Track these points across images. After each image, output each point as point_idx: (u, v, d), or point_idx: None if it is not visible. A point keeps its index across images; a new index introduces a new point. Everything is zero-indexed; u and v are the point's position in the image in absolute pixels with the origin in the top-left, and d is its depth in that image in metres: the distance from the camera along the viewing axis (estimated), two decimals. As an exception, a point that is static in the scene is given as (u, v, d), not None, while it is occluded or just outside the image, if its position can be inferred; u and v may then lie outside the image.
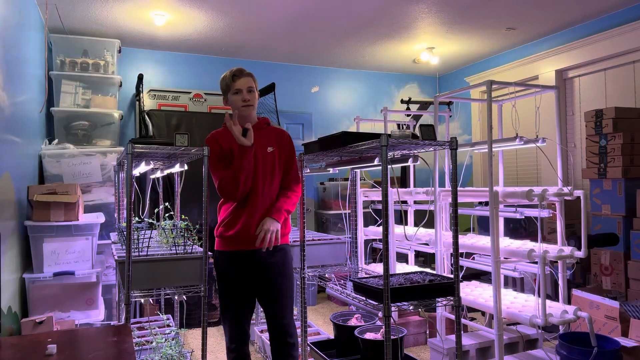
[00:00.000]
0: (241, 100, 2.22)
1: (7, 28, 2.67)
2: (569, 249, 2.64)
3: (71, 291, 3.03)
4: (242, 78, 2.23)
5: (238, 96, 2.22)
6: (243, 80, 2.23)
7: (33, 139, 3.54)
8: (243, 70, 2.26)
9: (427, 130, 2.14)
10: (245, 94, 2.22)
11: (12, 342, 1.54)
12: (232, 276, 2.23)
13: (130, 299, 2.11)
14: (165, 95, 5.10)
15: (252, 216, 2.21)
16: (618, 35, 4.16)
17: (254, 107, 2.27)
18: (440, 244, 2.95)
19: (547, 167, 4.87)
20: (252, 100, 2.24)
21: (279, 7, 4.05)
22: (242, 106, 2.22)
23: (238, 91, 2.22)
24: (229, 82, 2.24)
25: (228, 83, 2.25)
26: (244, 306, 2.25)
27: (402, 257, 3.82)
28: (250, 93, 2.24)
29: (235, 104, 2.24)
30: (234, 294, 2.24)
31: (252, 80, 2.26)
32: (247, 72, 2.26)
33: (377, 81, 6.25)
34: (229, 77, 2.24)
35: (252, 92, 2.24)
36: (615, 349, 2.37)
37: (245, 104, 2.22)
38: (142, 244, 2.32)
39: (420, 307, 2.03)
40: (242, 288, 2.23)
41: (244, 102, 2.22)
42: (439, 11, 4.17)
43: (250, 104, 2.23)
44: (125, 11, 4.05)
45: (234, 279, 2.23)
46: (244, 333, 2.26)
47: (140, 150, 2.19)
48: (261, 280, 2.26)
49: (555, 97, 2.91)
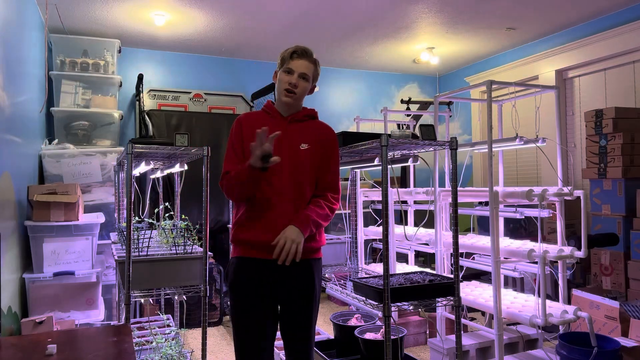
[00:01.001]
0: (287, 83, 1.85)
1: (7, 28, 2.67)
2: (569, 249, 2.64)
3: (71, 291, 3.03)
4: (303, 60, 1.87)
5: (286, 77, 1.86)
6: (302, 62, 1.87)
7: (33, 139, 3.54)
8: (308, 51, 1.89)
9: (427, 130, 2.14)
10: (295, 77, 1.85)
11: (12, 342, 1.54)
12: (243, 286, 1.84)
13: (130, 299, 2.11)
14: (165, 95, 5.10)
15: (274, 221, 1.80)
16: (618, 35, 4.16)
17: (299, 99, 1.90)
18: (440, 244, 2.95)
19: (547, 167, 4.86)
20: (299, 89, 1.86)
21: (279, 7, 4.05)
22: (284, 89, 1.86)
23: (289, 71, 1.86)
24: (286, 58, 1.88)
25: (285, 58, 1.88)
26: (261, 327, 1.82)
27: (402, 257, 3.82)
28: (302, 80, 1.87)
29: (280, 84, 1.88)
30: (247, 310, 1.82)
31: (313, 67, 1.90)
32: (312, 57, 1.90)
33: (377, 81, 6.25)
34: (288, 53, 1.88)
35: (305, 80, 1.88)
36: (615, 349, 2.37)
37: (290, 88, 1.85)
38: (142, 244, 2.32)
39: (420, 307, 2.03)
40: (256, 303, 1.82)
41: (288, 86, 1.85)
42: (439, 11, 4.17)
43: (294, 91, 1.86)
44: (125, 11, 4.05)
45: (246, 290, 1.84)
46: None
47: (140, 150, 2.19)
48: (281, 300, 1.87)
49: (555, 97, 2.91)
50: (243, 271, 1.84)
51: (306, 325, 1.87)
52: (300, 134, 1.90)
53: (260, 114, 1.94)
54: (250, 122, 1.90)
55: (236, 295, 1.84)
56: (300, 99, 1.90)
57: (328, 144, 1.93)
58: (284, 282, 1.84)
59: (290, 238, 1.74)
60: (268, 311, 1.84)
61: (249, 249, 1.84)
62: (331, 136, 1.94)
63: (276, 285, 1.84)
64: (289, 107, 1.90)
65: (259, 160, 1.66)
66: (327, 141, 1.93)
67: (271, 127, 1.87)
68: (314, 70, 1.91)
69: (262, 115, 1.93)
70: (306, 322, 1.87)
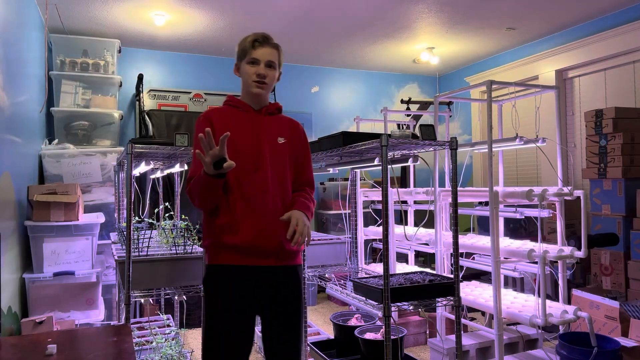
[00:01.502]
0: (254, 75, 1.73)
1: (7, 28, 2.67)
2: (569, 249, 2.64)
3: (71, 291, 3.03)
4: (266, 47, 1.74)
5: (253, 68, 1.74)
6: (266, 50, 1.74)
7: (33, 139, 3.54)
8: (269, 38, 1.77)
9: (427, 130, 2.14)
10: (262, 67, 1.73)
11: (12, 342, 1.54)
12: (228, 298, 1.67)
13: (130, 299, 2.11)
14: (165, 95, 5.10)
15: (260, 221, 1.67)
16: (618, 35, 4.16)
17: (269, 89, 1.78)
18: (440, 244, 2.95)
19: (547, 167, 4.86)
20: (268, 79, 1.75)
21: (279, 7, 4.05)
22: (253, 81, 1.74)
23: (254, 61, 1.74)
24: (247, 48, 1.74)
25: (246, 48, 1.75)
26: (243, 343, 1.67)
27: (402, 257, 3.82)
28: (269, 69, 1.75)
29: (246, 77, 1.76)
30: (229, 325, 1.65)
31: (277, 53, 1.77)
32: (273, 42, 1.77)
33: (377, 81, 6.25)
34: (249, 42, 1.74)
35: (272, 68, 1.76)
36: (615, 349, 2.37)
37: (259, 80, 1.73)
38: (142, 244, 2.32)
39: (420, 307, 2.03)
40: (242, 316, 1.67)
41: (257, 78, 1.73)
42: (439, 11, 4.17)
43: (265, 82, 1.74)
44: (125, 11, 4.05)
45: (231, 302, 1.67)
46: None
47: (140, 150, 2.19)
48: (269, 309, 1.72)
49: (555, 97, 2.92)
50: (232, 282, 1.67)
51: (295, 337, 1.74)
52: (277, 127, 1.81)
53: (229, 110, 1.79)
54: (222, 119, 1.75)
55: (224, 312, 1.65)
56: (270, 89, 1.80)
57: (302, 138, 1.86)
58: (275, 290, 1.71)
59: (302, 220, 1.62)
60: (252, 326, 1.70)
61: (238, 256, 1.67)
62: (302, 131, 1.89)
63: (264, 294, 1.70)
64: (259, 99, 1.79)
65: (211, 167, 1.52)
66: (300, 136, 1.86)
67: (248, 121, 1.77)
68: (278, 56, 1.78)
69: (232, 111, 1.79)
70: (295, 334, 1.73)
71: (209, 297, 1.69)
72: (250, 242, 1.66)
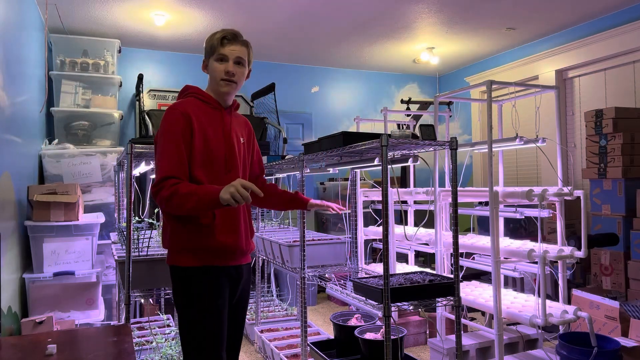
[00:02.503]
0: (223, 72, 1.70)
1: (7, 28, 2.67)
2: (569, 249, 2.64)
3: (71, 291, 3.03)
4: (234, 44, 1.71)
5: (221, 65, 1.70)
6: (235, 47, 1.70)
7: (33, 139, 3.54)
8: (238, 34, 1.73)
9: (427, 130, 2.14)
10: (231, 64, 1.70)
11: (12, 342, 1.54)
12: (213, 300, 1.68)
13: (130, 299, 2.11)
14: (165, 95, 5.10)
15: (236, 221, 1.72)
16: (618, 35, 4.16)
17: (237, 87, 1.75)
18: (440, 244, 2.95)
19: (547, 167, 4.87)
20: (237, 77, 1.72)
21: (278, 7, 4.05)
22: (221, 80, 1.70)
23: (223, 58, 1.70)
24: (216, 45, 1.70)
25: (214, 45, 1.70)
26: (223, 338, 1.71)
27: (402, 257, 3.82)
28: (238, 66, 1.72)
29: (214, 73, 1.71)
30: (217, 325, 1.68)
31: (246, 51, 1.74)
32: (242, 39, 1.74)
33: (377, 81, 6.25)
34: (217, 39, 1.70)
35: (240, 65, 1.73)
36: (615, 349, 2.37)
37: (227, 78, 1.70)
38: (142, 244, 2.32)
39: (420, 307, 2.03)
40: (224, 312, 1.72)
41: (225, 76, 1.70)
42: (439, 11, 4.17)
43: (234, 80, 1.71)
44: (125, 11, 4.05)
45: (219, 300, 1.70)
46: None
47: (140, 150, 2.19)
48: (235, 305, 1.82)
49: (555, 97, 2.92)
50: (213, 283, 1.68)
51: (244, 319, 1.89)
52: (239, 127, 1.83)
53: (202, 106, 1.73)
54: (198, 117, 1.69)
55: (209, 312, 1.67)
56: (239, 87, 1.76)
57: (253, 139, 1.93)
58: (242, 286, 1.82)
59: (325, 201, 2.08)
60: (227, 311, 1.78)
61: (214, 257, 1.68)
62: (251, 127, 1.96)
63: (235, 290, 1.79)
64: (228, 97, 1.76)
65: (234, 202, 1.48)
66: (253, 136, 1.93)
67: (218, 120, 1.75)
68: (248, 53, 1.75)
69: (204, 108, 1.73)
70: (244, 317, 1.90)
71: (198, 297, 1.67)
72: (231, 244, 1.70)
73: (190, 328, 1.66)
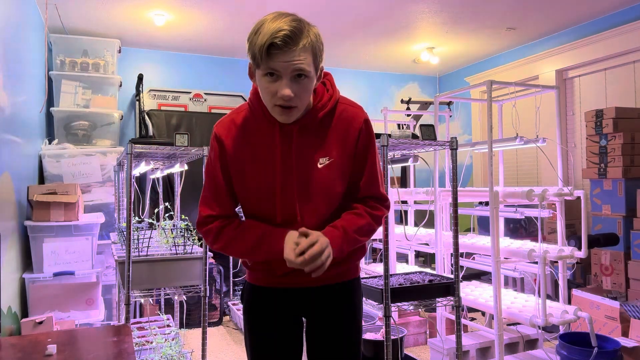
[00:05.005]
0: (275, 95, 1.17)
1: (7, 28, 2.67)
2: (569, 249, 2.64)
3: (71, 291, 3.03)
4: (289, 53, 1.14)
5: (272, 85, 1.17)
6: (290, 57, 1.14)
7: (33, 139, 3.54)
8: (295, 35, 1.15)
9: (427, 130, 2.14)
10: (286, 83, 1.16)
11: (12, 342, 1.53)
12: (263, 319, 1.40)
13: (130, 299, 2.11)
14: (165, 95, 5.10)
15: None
16: (618, 35, 4.15)
17: (301, 110, 1.23)
18: (440, 244, 2.95)
19: (547, 167, 4.86)
20: (297, 99, 1.19)
21: (279, 7, 4.05)
22: (275, 105, 1.19)
23: (274, 74, 1.16)
24: (261, 55, 1.14)
25: (258, 55, 1.15)
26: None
27: (402, 257, 3.82)
28: (297, 83, 1.17)
29: (263, 93, 1.21)
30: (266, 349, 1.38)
31: (310, 56, 1.18)
32: (302, 41, 1.16)
33: (377, 81, 6.25)
34: (260, 48, 1.14)
35: (302, 78, 1.18)
36: (615, 349, 2.37)
37: (283, 103, 1.18)
38: (142, 244, 2.32)
39: (420, 307, 2.03)
40: (279, 342, 1.39)
41: (279, 102, 1.18)
42: (439, 11, 4.17)
43: (292, 104, 1.19)
44: (125, 11, 4.05)
45: (266, 323, 1.40)
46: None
47: (140, 150, 2.19)
48: (308, 337, 1.42)
49: (556, 97, 2.91)
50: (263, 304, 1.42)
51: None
52: (315, 140, 1.31)
53: (248, 118, 1.32)
54: (237, 132, 1.30)
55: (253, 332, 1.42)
56: (304, 107, 1.25)
57: (362, 140, 1.36)
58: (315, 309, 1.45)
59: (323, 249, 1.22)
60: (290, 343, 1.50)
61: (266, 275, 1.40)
62: (365, 128, 1.39)
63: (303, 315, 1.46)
64: (290, 119, 1.25)
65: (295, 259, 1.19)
66: (360, 138, 1.36)
67: (269, 140, 1.30)
68: (314, 57, 1.20)
69: (255, 122, 1.31)
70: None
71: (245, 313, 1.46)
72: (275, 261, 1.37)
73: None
